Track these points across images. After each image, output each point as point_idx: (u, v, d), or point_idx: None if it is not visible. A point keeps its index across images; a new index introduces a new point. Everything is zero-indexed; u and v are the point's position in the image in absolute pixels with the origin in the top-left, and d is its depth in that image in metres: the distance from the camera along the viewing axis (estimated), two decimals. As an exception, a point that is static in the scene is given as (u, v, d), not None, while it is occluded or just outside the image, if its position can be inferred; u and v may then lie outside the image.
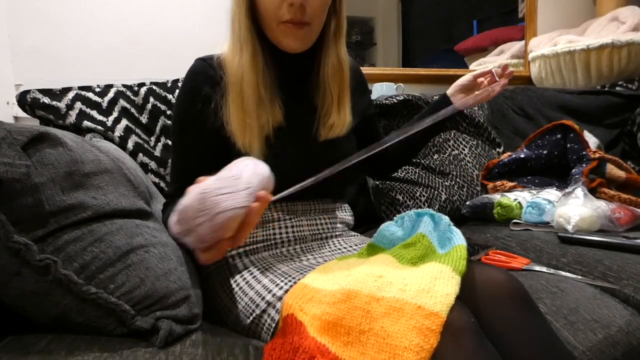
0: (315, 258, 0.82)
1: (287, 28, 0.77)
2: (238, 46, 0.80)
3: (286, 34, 0.78)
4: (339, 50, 0.86)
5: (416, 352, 0.52)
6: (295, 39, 0.79)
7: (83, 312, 0.60)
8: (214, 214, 0.53)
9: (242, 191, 0.55)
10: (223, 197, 0.53)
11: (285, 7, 0.75)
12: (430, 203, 1.35)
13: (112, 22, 1.41)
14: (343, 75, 0.87)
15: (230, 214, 0.53)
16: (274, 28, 0.79)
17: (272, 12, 0.77)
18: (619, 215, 1.12)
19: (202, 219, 0.53)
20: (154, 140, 1.17)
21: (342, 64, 0.87)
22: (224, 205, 0.53)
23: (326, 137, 0.86)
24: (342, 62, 0.87)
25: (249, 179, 0.56)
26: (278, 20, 0.77)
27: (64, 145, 0.64)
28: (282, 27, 0.78)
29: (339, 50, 0.86)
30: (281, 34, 0.79)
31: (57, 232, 0.58)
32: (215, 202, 0.53)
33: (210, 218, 0.53)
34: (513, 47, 2.08)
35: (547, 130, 1.49)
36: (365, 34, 1.94)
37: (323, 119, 0.86)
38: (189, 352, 0.59)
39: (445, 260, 0.65)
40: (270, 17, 0.77)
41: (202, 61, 0.84)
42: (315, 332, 0.58)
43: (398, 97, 1.44)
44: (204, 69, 0.83)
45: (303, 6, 0.75)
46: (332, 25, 0.85)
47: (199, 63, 0.84)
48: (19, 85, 1.32)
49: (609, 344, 0.74)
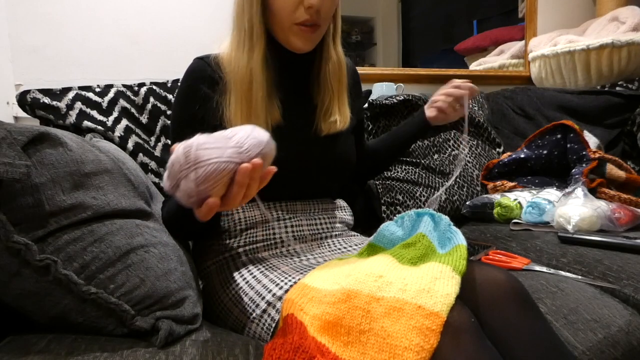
0: (315, 258, 0.82)
1: (300, 30, 0.78)
2: (248, 45, 0.80)
3: (298, 36, 0.79)
4: (337, 49, 0.88)
5: (416, 352, 0.52)
6: (306, 40, 0.80)
7: (83, 312, 0.60)
8: (196, 166, 0.52)
9: (229, 148, 0.54)
10: (207, 151, 0.53)
11: (301, 9, 0.76)
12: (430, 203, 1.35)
13: (112, 22, 1.41)
14: (342, 73, 0.89)
15: (213, 167, 0.53)
16: (286, 29, 0.79)
17: (287, 13, 0.77)
18: (619, 215, 1.12)
19: (186, 172, 0.53)
20: (154, 140, 1.17)
21: (340, 61, 0.89)
22: (207, 157, 0.53)
23: (328, 132, 0.87)
24: (341, 60, 0.89)
25: (241, 139, 0.55)
26: (293, 21, 0.78)
27: (64, 145, 0.64)
28: (296, 28, 0.78)
29: (336, 49, 0.88)
30: (293, 34, 0.79)
31: (57, 232, 0.58)
32: (198, 155, 0.53)
33: (194, 170, 0.52)
34: (513, 47, 2.08)
35: (547, 130, 1.49)
36: (365, 34, 1.94)
37: (325, 116, 0.88)
38: (189, 352, 0.59)
39: (445, 260, 0.65)
40: (285, 18, 0.78)
41: (201, 60, 0.84)
42: (315, 332, 0.58)
43: (398, 97, 1.44)
44: (202, 68, 0.83)
45: (319, 10, 0.77)
46: (331, 25, 0.86)
47: (198, 62, 0.84)
48: (19, 85, 1.32)
49: (609, 344, 0.74)
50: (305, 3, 0.76)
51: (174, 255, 0.71)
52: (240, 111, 0.79)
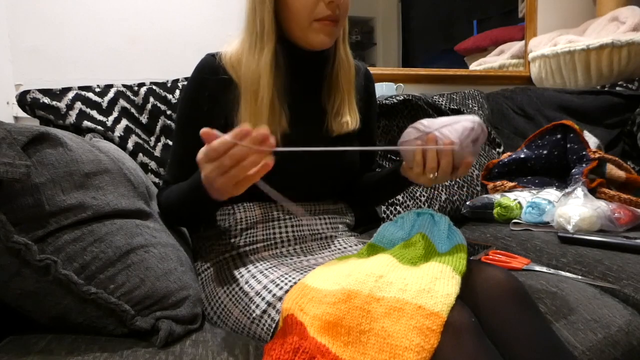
0: (315, 258, 0.82)
1: (322, 25, 0.78)
2: (259, 47, 0.80)
3: (319, 31, 0.79)
4: (346, 49, 0.89)
5: (417, 352, 0.52)
6: (327, 35, 0.80)
7: (83, 312, 0.60)
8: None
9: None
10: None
11: (321, 5, 0.77)
12: (430, 203, 1.35)
13: (112, 22, 1.41)
14: (351, 73, 0.90)
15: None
16: (305, 26, 0.79)
17: (307, 10, 0.77)
18: (619, 215, 1.12)
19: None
20: (154, 140, 1.17)
21: (350, 61, 0.89)
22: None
23: (339, 132, 0.87)
24: (350, 60, 0.89)
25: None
26: (313, 18, 0.78)
27: (64, 145, 0.64)
28: (317, 24, 0.78)
29: (346, 50, 0.89)
30: (313, 31, 0.79)
31: (57, 232, 0.58)
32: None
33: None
34: (513, 47, 2.08)
35: (547, 130, 1.49)
36: (365, 34, 1.94)
37: (335, 116, 0.88)
38: (189, 352, 0.60)
39: (445, 260, 0.66)
40: (305, 15, 0.78)
41: (212, 57, 0.84)
42: (315, 332, 0.58)
43: (398, 97, 1.44)
44: (213, 65, 0.83)
45: (338, 4, 0.77)
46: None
47: (209, 58, 0.85)
48: (19, 85, 1.32)
49: (609, 343, 0.74)
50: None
51: (174, 255, 0.71)
52: (248, 111, 0.80)
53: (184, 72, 1.26)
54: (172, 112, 1.21)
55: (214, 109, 0.82)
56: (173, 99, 1.22)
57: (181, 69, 1.29)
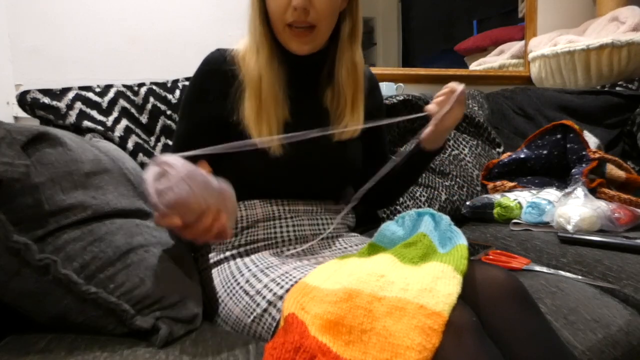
0: (316, 257, 0.82)
1: (292, 32, 0.79)
2: (255, 48, 0.82)
3: (291, 38, 0.80)
4: (354, 53, 0.86)
5: (418, 352, 0.52)
6: (300, 42, 0.80)
7: (83, 312, 0.60)
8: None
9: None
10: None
11: (290, 10, 0.76)
12: (430, 203, 1.35)
13: (112, 22, 1.41)
14: (357, 78, 0.87)
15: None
16: (280, 31, 0.80)
17: (278, 15, 0.78)
18: (619, 215, 1.12)
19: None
20: (154, 140, 1.17)
21: (356, 67, 0.86)
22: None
23: (339, 138, 0.87)
24: (357, 65, 0.86)
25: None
26: (284, 23, 0.78)
27: (64, 145, 0.64)
28: (288, 30, 0.79)
29: (353, 53, 0.86)
30: (287, 37, 0.80)
31: (56, 231, 0.58)
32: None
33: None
34: (513, 47, 2.08)
35: (547, 130, 1.49)
36: (365, 34, 1.93)
37: (337, 121, 0.87)
38: (189, 352, 0.59)
39: (446, 260, 0.65)
40: (277, 20, 0.78)
41: (219, 52, 0.86)
42: (316, 332, 0.58)
43: (398, 97, 1.44)
44: (220, 59, 0.85)
45: (306, 9, 0.76)
46: (347, 27, 0.84)
47: (217, 52, 0.86)
48: (19, 85, 1.32)
49: (609, 344, 0.74)
50: (292, 3, 0.76)
51: (174, 254, 0.71)
52: (252, 109, 0.81)
53: (184, 72, 1.27)
54: (172, 112, 1.21)
55: (219, 101, 0.83)
56: (173, 99, 1.22)
57: (181, 69, 1.29)
